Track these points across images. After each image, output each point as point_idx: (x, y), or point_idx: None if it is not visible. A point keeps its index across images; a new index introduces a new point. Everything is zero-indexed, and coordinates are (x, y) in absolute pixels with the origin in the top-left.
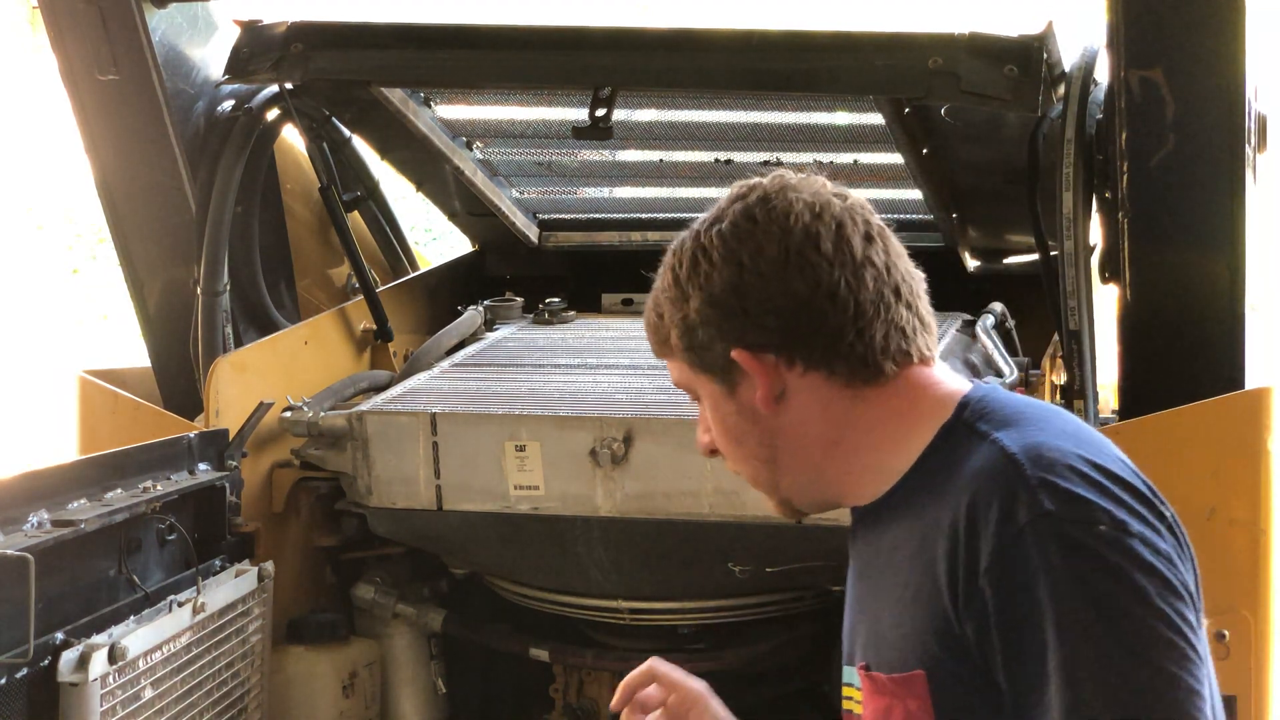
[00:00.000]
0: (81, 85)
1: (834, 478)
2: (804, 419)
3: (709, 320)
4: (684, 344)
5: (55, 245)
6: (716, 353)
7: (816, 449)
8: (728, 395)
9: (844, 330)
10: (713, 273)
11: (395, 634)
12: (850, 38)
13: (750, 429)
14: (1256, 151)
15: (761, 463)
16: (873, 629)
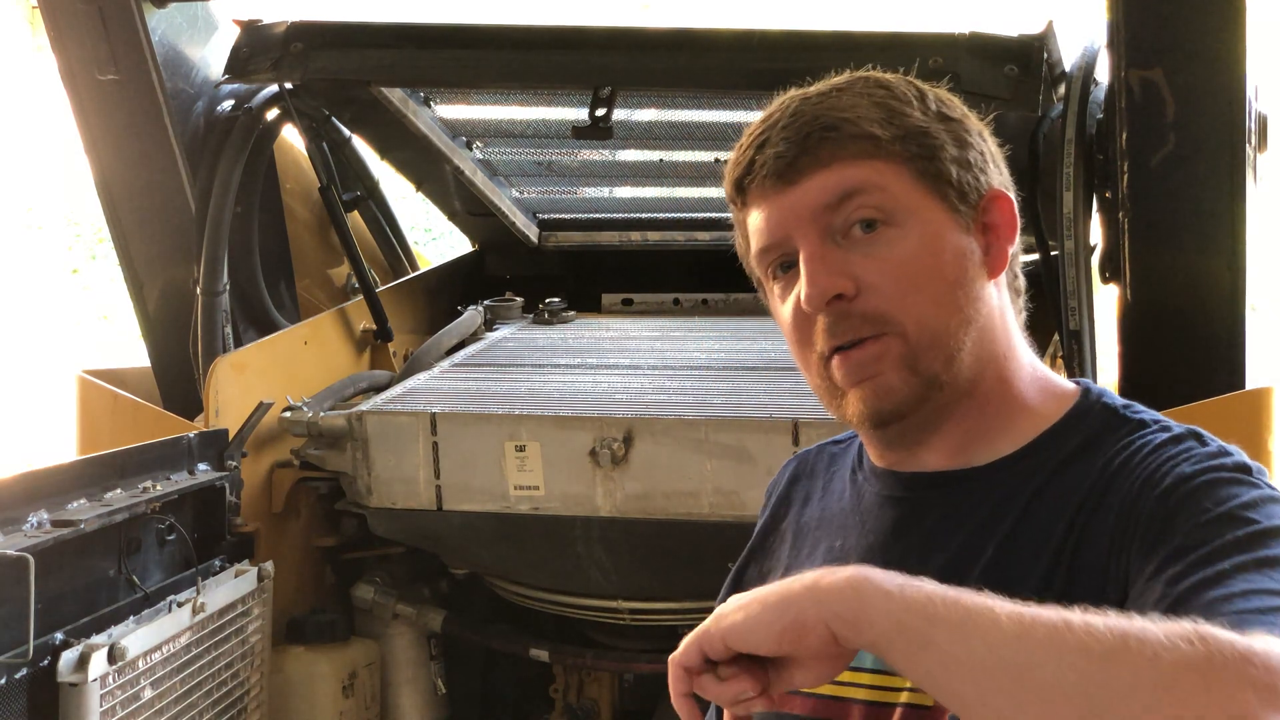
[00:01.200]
0: (81, 85)
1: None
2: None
3: (985, 151)
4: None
5: (55, 245)
6: (981, 184)
7: (1000, 346)
8: (962, 230)
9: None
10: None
11: (395, 634)
12: (850, 38)
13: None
14: (1256, 151)
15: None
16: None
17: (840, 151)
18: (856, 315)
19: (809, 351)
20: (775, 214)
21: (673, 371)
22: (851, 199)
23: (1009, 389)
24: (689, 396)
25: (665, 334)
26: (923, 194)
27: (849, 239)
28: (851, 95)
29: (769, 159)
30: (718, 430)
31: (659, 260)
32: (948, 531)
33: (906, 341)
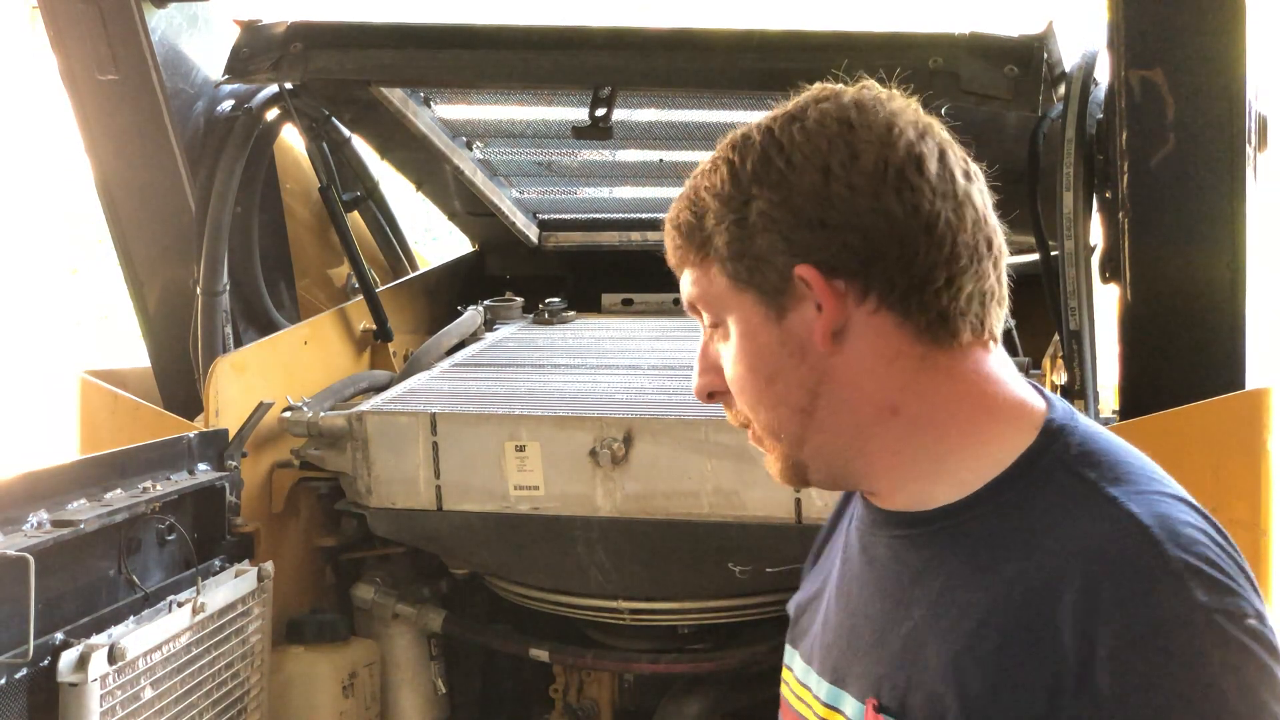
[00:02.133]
0: (81, 85)
1: (876, 453)
2: (862, 369)
3: (775, 226)
4: (733, 250)
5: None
6: (775, 267)
7: (868, 409)
8: (773, 321)
9: (935, 271)
10: (790, 175)
11: (395, 634)
12: (850, 38)
13: (791, 366)
14: (1256, 151)
15: (792, 410)
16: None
17: (681, 260)
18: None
19: None
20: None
21: (673, 371)
22: (694, 309)
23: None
24: (689, 396)
25: (665, 334)
26: (736, 293)
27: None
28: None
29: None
30: (718, 430)
31: (659, 260)
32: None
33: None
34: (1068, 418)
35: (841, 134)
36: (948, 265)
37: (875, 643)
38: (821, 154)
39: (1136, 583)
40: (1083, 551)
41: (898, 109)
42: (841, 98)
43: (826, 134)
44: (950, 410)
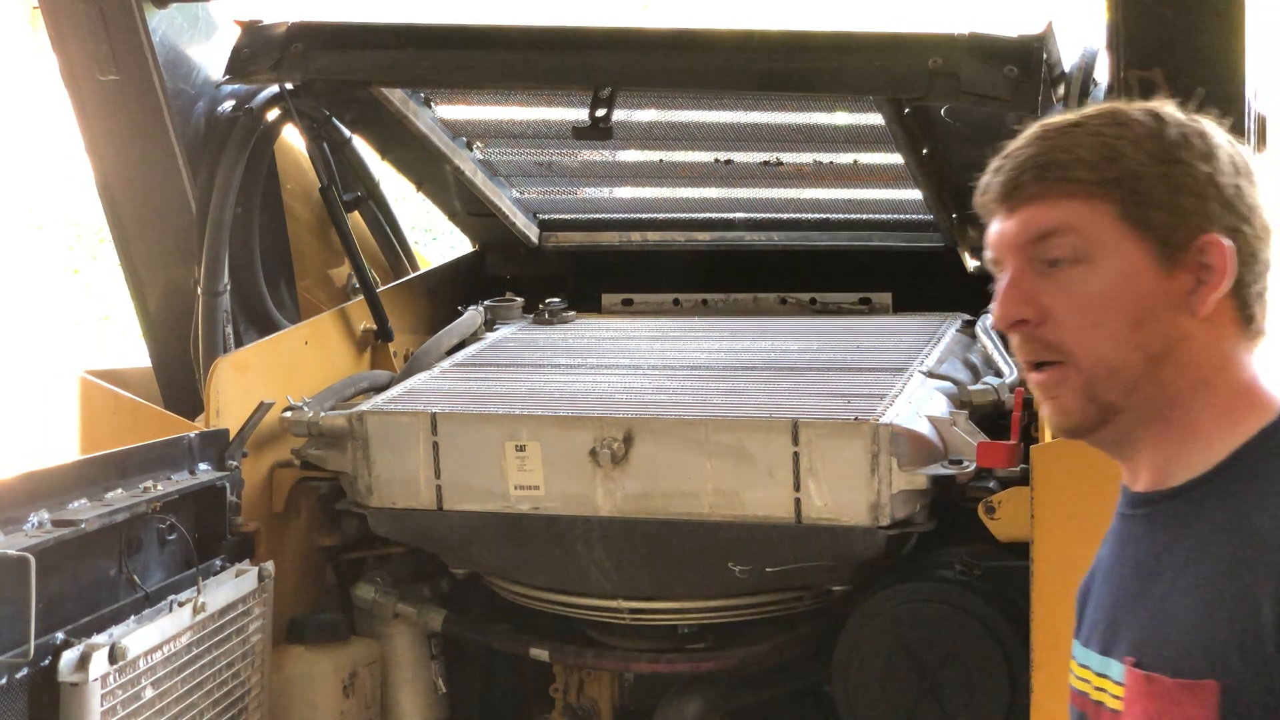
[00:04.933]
0: (81, 85)
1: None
2: (1210, 340)
3: (1203, 191)
4: (1150, 198)
5: (55, 245)
6: (1188, 226)
7: (1199, 378)
8: (1160, 272)
9: (1264, 272)
10: (1214, 154)
11: (395, 634)
12: (850, 38)
13: (1164, 317)
14: (1256, 151)
15: (1144, 356)
16: (1153, 626)
17: (1047, 192)
18: (1039, 341)
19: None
20: (996, 235)
21: (673, 371)
22: (1048, 238)
23: (1208, 414)
24: (689, 396)
25: (665, 334)
26: (1122, 235)
27: (1049, 271)
28: (1084, 132)
29: (995, 186)
30: (718, 430)
31: (659, 260)
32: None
33: (1081, 372)
34: None
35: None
36: (1268, 268)
37: (1133, 611)
38: (1217, 149)
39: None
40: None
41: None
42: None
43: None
44: (1236, 393)
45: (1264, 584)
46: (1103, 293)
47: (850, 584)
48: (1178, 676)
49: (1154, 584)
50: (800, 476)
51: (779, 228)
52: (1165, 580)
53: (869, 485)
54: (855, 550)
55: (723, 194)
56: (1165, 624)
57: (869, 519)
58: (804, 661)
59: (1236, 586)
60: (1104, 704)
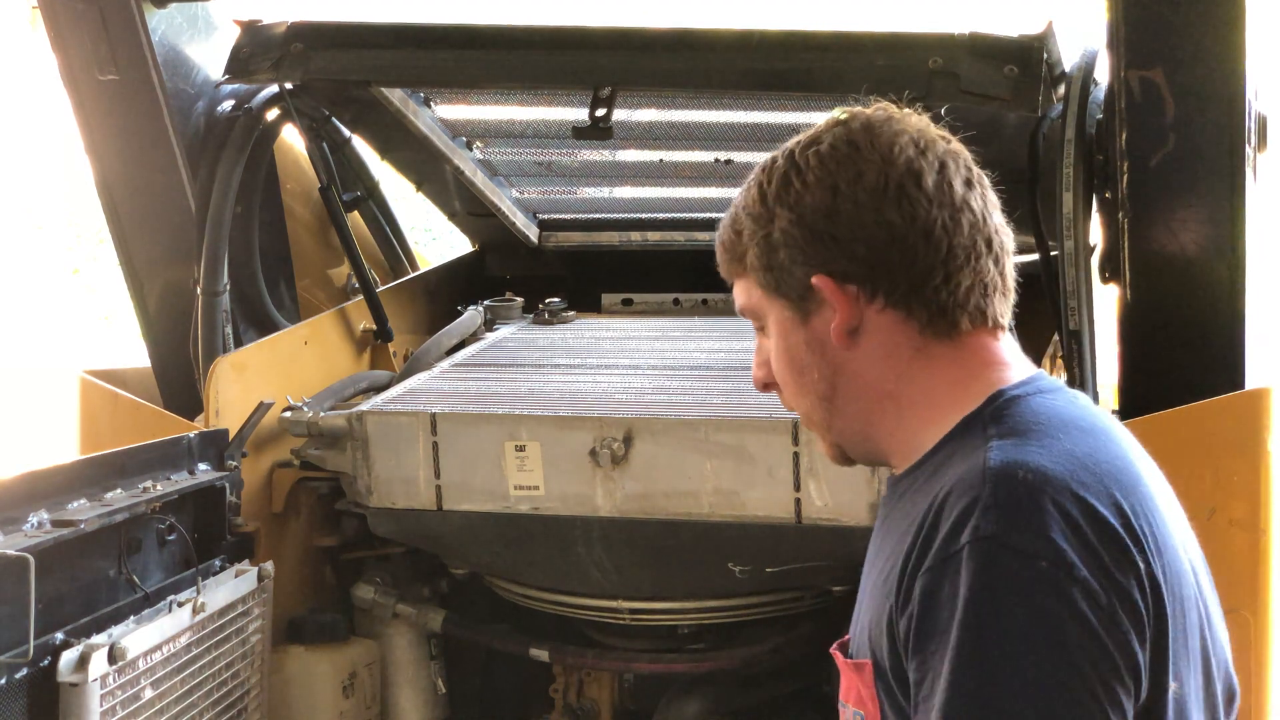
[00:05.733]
0: (81, 85)
1: (881, 434)
2: (869, 361)
3: (794, 241)
4: (762, 264)
5: (55, 245)
6: (796, 277)
7: (872, 397)
8: (799, 323)
9: (933, 271)
10: (805, 194)
11: (395, 634)
12: (850, 38)
13: (815, 361)
14: (1256, 151)
15: (818, 399)
16: (857, 609)
17: (727, 273)
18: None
19: None
20: None
21: (673, 371)
22: (744, 314)
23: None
24: (689, 396)
25: (665, 334)
26: (769, 300)
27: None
28: (732, 206)
29: None
30: (718, 430)
31: (659, 260)
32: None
33: (803, 419)
34: (1020, 388)
35: (850, 155)
36: (944, 265)
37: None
38: (831, 175)
39: (958, 515)
40: (942, 491)
41: (903, 128)
42: (854, 121)
43: (837, 156)
44: (936, 394)
45: (894, 575)
46: (777, 356)
47: (850, 584)
48: (854, 656)
49: (871, 567)
50: (800, 476)
51: None
52: (867, 566)
53: (869, 485)
54: (855, 550)
55: (723, 194)
56: (860, 605)
57: (869, 519)
58: (804, 662)
59: (889, 571)
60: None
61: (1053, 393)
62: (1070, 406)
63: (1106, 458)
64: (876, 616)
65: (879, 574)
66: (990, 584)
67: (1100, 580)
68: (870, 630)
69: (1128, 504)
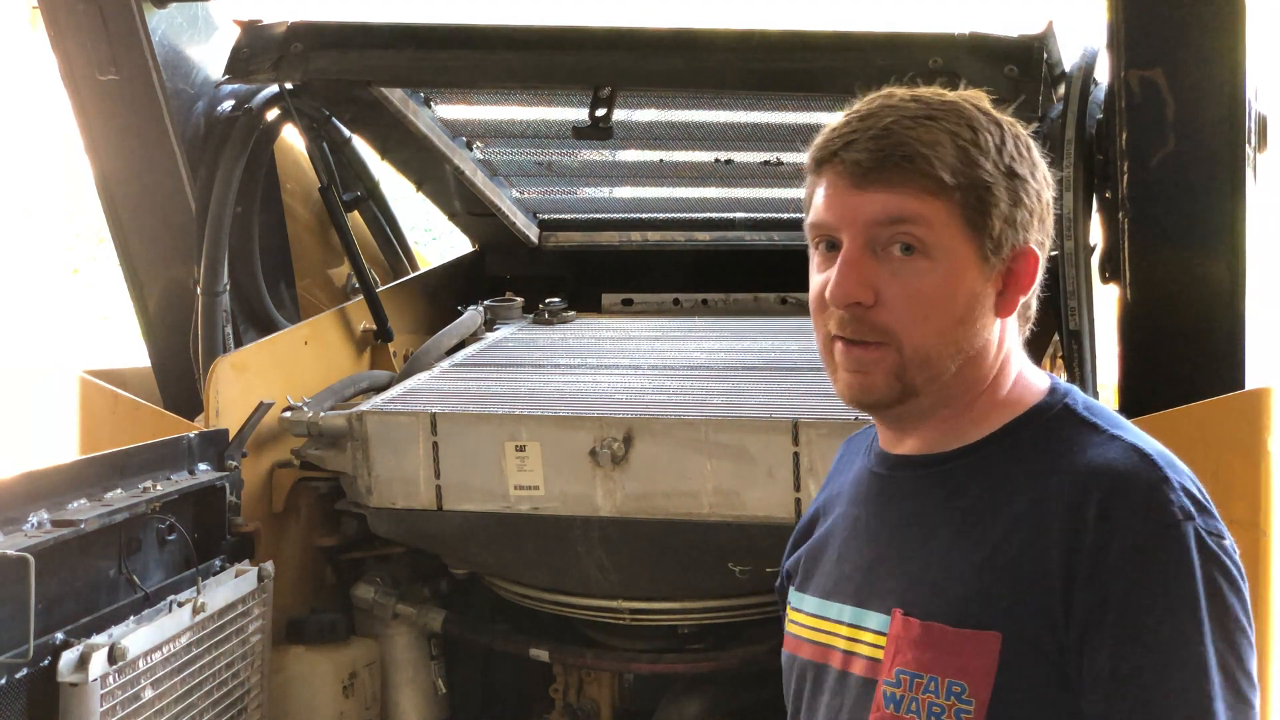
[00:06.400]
0: (81, 85)
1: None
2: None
3: (1033, 207)
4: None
5: (55, 245)
6: (1015, 237)
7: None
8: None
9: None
10: (1036, 170)
11: (395, 634)
12: (850, 38)
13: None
14: (1256, 151)
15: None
16: (927, 578)
17: (909, 182)
18: (868, 322)
19: (821, 318)
20: (836, 205)
21: (673, 371)
22: (901, 224)
23: (987, 397)
24: (689, 396)
25: (665, 334)
26: (963, 238)
27: (886, 254)
28: (940, 130)
29: (848, 160)
30: (718, 430)
31: (659, 260)
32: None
33: (901, 356)
34: (1071, 387)
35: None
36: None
37: (898, 564)
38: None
39: (1146, 495)
40: (1102, 470)
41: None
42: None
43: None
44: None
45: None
46: (937, 288)
47: None
48: (960, 626)
49: (929, 539)
50: (800, 476)
51: (779, 228)
52: (942, 536)
53: None
54: None
55: (723, 194)
56: (944, 576)
57: None
58: None
59: (1020, 543)
60: (856, 654)
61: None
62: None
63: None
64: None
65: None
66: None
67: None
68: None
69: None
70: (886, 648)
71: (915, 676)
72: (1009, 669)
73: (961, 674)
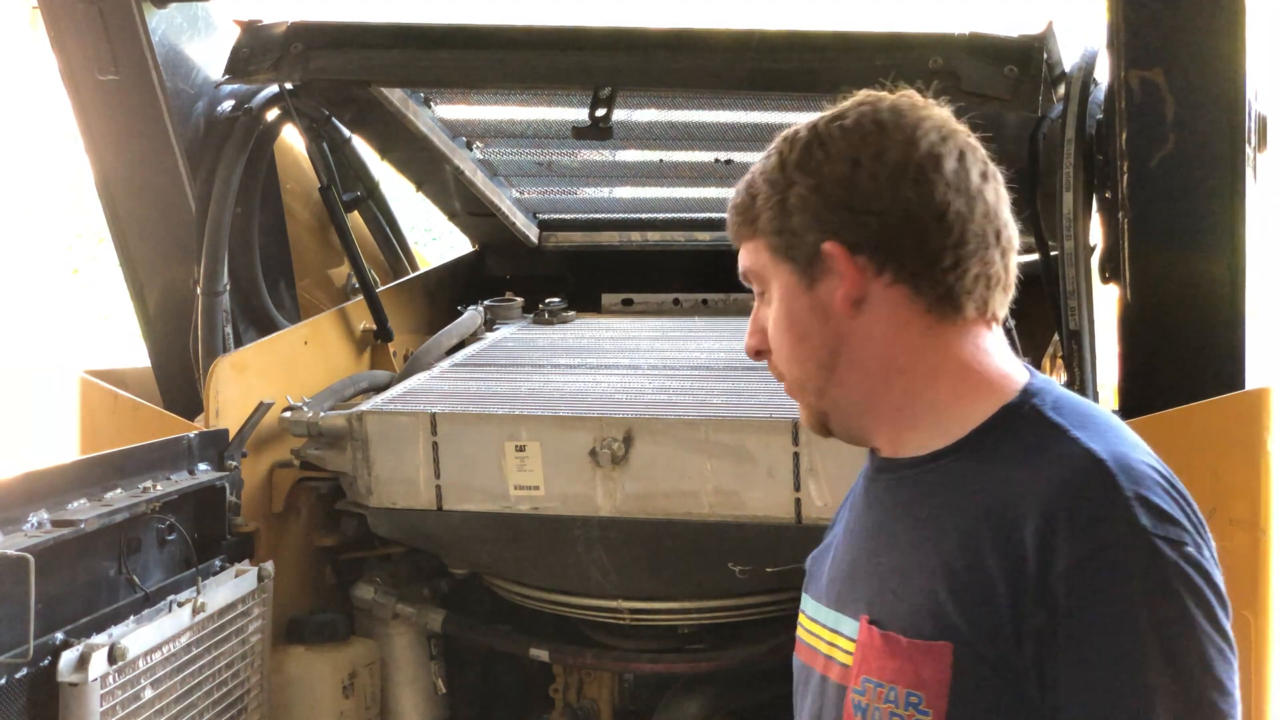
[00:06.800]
0: (81, 85)
1: (884, 409)
2: (876, 333)
3: (810, 208)
4: (775, 227)
5: (55, 245)
6: (808, 242)
7: (879, 369)
8: (804, 289)
9: (943, 254)
10: (825, 163)
11: (395, 634)
12: (850, 38)
13: (818, 328)
14: (1256, 151)
15: (817, 365)
16: (887, 586)
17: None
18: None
19: None
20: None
21: (673, 371)
22: (747, 277)
23: (924, 394)
24: (689, 396)
25: (665, 334)
26: (776, 264)
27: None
28: (748, 172)
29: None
30: (718, 430)
31: (659, 260)
32: (888, 508)
33: (797, 389)
34: (1046, 384)
35: (874, 132)
36: (955, 249)
37: (869, 570)
38: (854, 148)
39: (1092, 508)
40: (1049, 480)
41: (928, 115)
42: (881, 103)
43: (861, 132)
44: (950, 375)
45: (994, 557)
46: (777, 320)
47: None
48: (916, 637)
49: (892, 546)
50: (800, 476)
51: None
52: (901, 544)
53: None
54: None
55: (723, 194)
56: (902, 584)
57: None
58: None
59: (970, 556)
60: (834, 659)
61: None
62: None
63: (1136, 436)
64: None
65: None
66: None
67: (1209, 550)
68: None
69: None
70: (855, 654)
71: (878, 685)
72: (963, 680)
73: (918, 684)
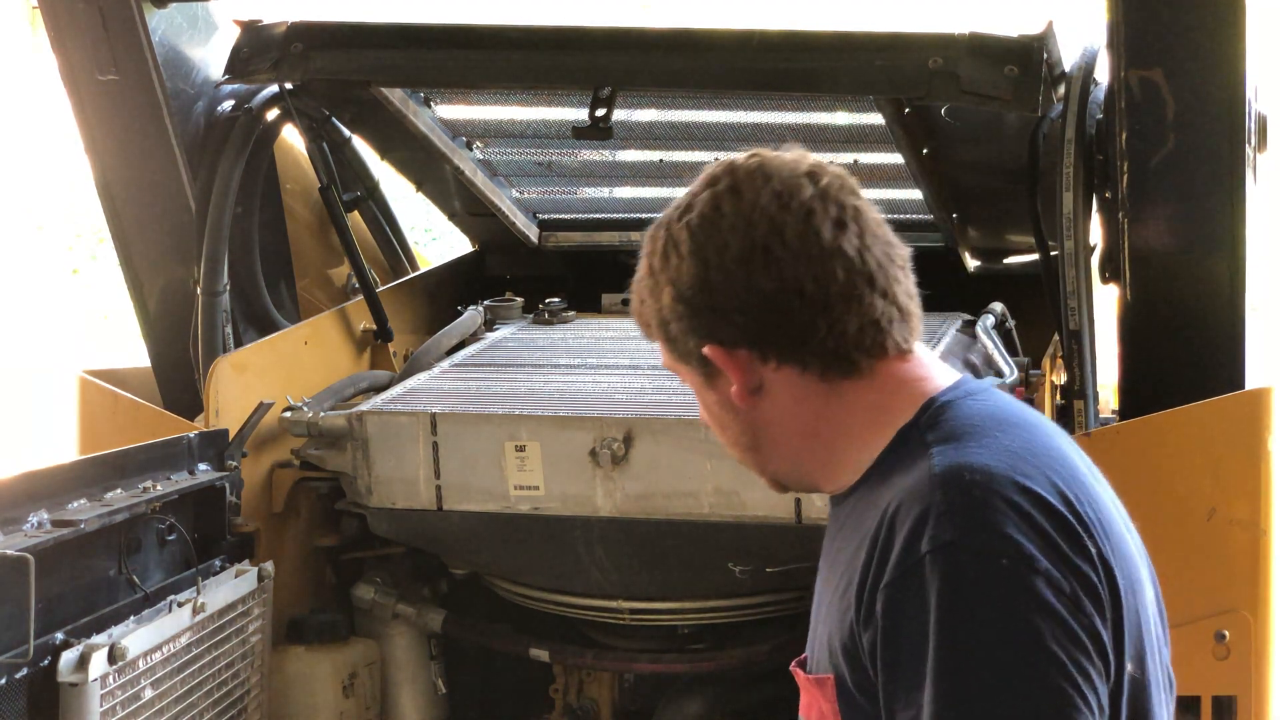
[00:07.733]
0: (81, 85)
1: (814, 467)
2: (781, 412)
3: (679, 315)
4: (661, 335)
5: (55, 245)
6: (690, 347)
7: (796, 439)
8: (707, 386)
9: (814, 324)
10: (681, 266)
11: (395, 634)
12: (850, 38)
13: (731, 420)
14: (1256, 151)
15: (744, 449)
16: (814, 622)
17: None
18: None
19: None
20: None
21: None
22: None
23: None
24: (689, 396)
25: None
26: (677, 366)
27: None
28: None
29: None
30: None
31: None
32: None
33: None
34: (950, 392)
35: (715, 223)
36: (825, 315)
37: (813, 607)
38: (700, 246)
39: (913, 524)
40: (893, 500)
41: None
42: (720, 184)
43: (704, 226)
44: (859, 421)
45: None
46: (704, 414)
47: None
48: (814, 671)
49: (823, 581)
50: None
51: None
52: (825, 578)
53: None
54: None
55: None
56: (816, 619)
57: None
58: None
59: (844, 587)
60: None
61: (981, 393)
62: (1000, 404)
63: (1043, 449)
64: (836, 631)
65: (834, 590)
66: (958, 590)
67: (1060, 568)
68: (830, 645)
69: (1070, 491)
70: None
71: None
72: (849, 709)
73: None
